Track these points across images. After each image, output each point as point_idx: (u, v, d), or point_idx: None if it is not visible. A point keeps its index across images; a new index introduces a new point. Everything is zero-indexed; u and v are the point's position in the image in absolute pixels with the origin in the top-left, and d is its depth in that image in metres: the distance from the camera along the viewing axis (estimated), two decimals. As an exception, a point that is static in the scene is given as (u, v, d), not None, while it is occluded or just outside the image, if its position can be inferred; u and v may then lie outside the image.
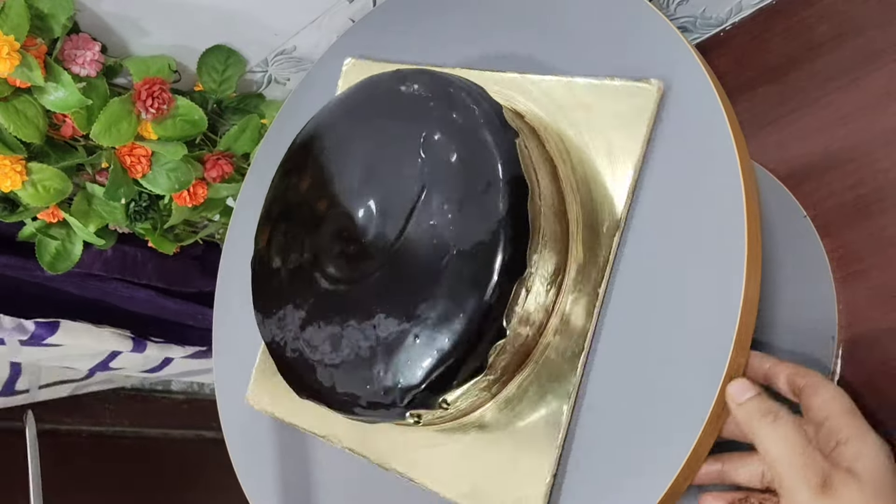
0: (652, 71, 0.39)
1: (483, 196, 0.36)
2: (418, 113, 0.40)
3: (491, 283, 0.35)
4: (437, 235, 0.37)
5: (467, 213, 0.37)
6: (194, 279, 0.87)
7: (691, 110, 0.38)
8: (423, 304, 0.37)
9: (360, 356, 0.38)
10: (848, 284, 0.55)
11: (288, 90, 0.71)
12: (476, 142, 0.37)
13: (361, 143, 0.42)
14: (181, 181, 0.65)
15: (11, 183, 0.60)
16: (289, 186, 0.46)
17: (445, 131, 0.39)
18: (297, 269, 0.43)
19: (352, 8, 0.62)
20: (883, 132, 0.56)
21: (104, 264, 0.76)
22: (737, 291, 0.34)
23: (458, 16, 0.50)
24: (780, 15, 0.64)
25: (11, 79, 0.54)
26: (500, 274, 0.35)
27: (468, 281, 0.36)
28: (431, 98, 0.40)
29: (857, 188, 0.56)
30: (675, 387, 0.35)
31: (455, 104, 0.39)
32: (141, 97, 0.60)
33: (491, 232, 0.36)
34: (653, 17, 0.41)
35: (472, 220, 0.37)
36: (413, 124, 0.40)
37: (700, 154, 0.37)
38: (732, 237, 0.35)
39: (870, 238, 0.55)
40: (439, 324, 0.36)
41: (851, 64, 0.58)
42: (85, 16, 0.59)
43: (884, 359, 0.53)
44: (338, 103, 0.45)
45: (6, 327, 0.70)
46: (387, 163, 0.41)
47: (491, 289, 0.35)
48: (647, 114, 0.39)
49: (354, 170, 0.42)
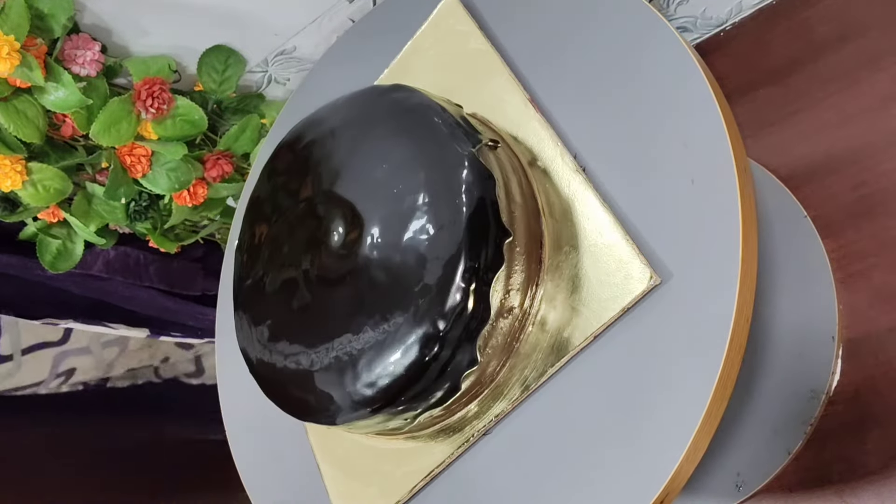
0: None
1: (455, 206, 0.36)
2: (395, 126, 0.40)
3: (455, 288, 0.35)
4: (409, 245, 0.37)
5: (440, 222, 0.36)
6: (196, 281, 0.87)
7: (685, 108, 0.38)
8: (396, 312, 0.36)
9: (335, 363, 0.38)
10: (848, 285, 0.55)
11: (288, 90, 0.71)
12: (448, 154, 0.37)
13: (339, 153, 0.42)
14: (181, 181, 0.65)
15: (12, 183, 0.60)
16: (270, 190, 0.45)
17: (409, 147, 0.39)
18: (271, 275, 0.43)
19: (352, 8, 0.62)
20: (884, 133, 0.56)
21: (106, 266, 0.76)
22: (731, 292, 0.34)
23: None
24: (780, 15, 0.64)
25: (11, 79, 0.54)
26: (467, 280, 0.35)
27: (436, 288, 0.35)
28: (408, 112, 0.40)
29: (858, 189, 0.56)
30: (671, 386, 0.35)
31: (426, 118, 0.39)
32: (141, 97, 0.60)
33: (458, 240, 0.35)
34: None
35: (444, 229, 0.36)
36: (390, 137, 0.40)
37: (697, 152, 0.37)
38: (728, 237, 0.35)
39: (870, 239, 0.55)
40: (413, 327, 0.36)
41: (853, 65, 0.58)
42: (85, 16, 0.59)
43: (884, 359, 0.53)
44: (324, 111, 0.45)
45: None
46: (362, 172, 0.40)
47: (459, 294, 0.35)
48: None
49: (331, 179, 0.42)
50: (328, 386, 0.38)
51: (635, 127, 0.39)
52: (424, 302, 0.35)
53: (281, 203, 0.44)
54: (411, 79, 0.46)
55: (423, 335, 0.35)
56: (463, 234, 0.35)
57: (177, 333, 0.87)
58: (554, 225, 0.40)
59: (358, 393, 0.37)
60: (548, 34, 0.45)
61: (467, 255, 0.35)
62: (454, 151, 0.37)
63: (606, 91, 0.41)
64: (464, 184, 0.36)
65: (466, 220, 0.35)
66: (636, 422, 0.36)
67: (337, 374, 0.38)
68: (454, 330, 0.35)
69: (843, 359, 0.54)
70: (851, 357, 0.54)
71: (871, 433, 0.52)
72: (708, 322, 0.35)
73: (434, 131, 0.38)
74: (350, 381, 0.37)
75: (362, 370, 0.37)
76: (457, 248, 0.35)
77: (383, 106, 0.41)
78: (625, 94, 0.40)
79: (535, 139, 0.42)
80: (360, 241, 0.39)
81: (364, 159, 0.41)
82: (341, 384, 0.38)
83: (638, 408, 0.36)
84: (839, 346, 0.55)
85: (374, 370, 0.36)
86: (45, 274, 0.72)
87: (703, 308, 0.35)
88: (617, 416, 0.36)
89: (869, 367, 0.53)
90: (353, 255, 0.39)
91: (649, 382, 0.36)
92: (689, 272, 0.36)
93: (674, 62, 0.39)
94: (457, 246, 0.35)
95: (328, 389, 0.38)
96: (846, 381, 0.54)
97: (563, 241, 0.39)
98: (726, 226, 0.35)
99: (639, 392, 0.36)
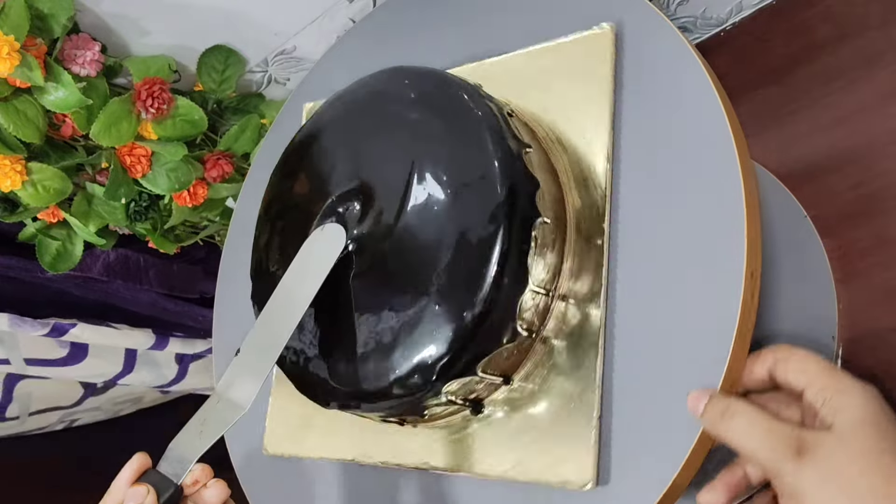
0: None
1: (480, 189, 0.37)
2: (408, 109, 0.40)
3: (498, 241, 0.35)
4: (438, 216, 0.38)
5: (463, 206, 0.37)
6: (197, 284, 0.86)
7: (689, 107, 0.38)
8: (435, 277, 0.37)
9: (381, 344, 0.38)
10: (848, 284, 0.55)
11: (288, 90, 0.71)
12: (475, 140, 0.38)
13: (357, 144, 0.42)
14: (181, 181, 0.65)
15: (11, 183, 0.60)
16: (285, 186, 0.46)
17: (434, 123, 0.39)
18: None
19: (352, 8, 0.62)
20: (884, 133, 0.56)
21: (106, 269, 0.76)
22: (736, 290, 0.34)
23: (459, 15, 0.50)
24: (780, 15, 0.64)
25: (11, 79, 0.54)
26: (508, 229, 0.35)
27: (480, 248, 0.36)
28: (419, 95, 0.40)
29: (857, 188, 0.56)
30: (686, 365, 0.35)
31: (452, 104, 0.39)
32: (141, 97, 0.60)
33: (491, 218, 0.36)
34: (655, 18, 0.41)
35: (467, 213, 0.37)
36: (409, 122, 0.40)
37: (699, 151, 0.37)
38: (732, 235, 0.35)
39: (870, 238, 0.55)
40: (458, 290, 0.36)
41: (853, 64, 0.58)
42: (85, 16, 0.59)
43: (884, 358, 0.53)
44: (335, 102, 0.45)
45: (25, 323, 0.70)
46: (383, 162, 0.41)
47: (500, 245, 0.35)
48: (607, 56, 0.40)
49: (350, 170, 0.42)
50: (357, 370, 0.39)
51: (638, 126, 0.40)
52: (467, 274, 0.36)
53: (300, 197, 0.44)
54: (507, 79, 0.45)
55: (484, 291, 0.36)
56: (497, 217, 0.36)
57: (179, 334, 0.87)
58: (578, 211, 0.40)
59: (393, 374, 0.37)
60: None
61: (503, 238, 0.36)
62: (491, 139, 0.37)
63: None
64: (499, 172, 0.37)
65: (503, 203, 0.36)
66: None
67: (368, 359, 0.38)
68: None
69: (843, 358, 0.54)
70: (851, 356, 0.54)
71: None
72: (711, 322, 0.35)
73: (468, 118, 0.38)
74: (386, 363, 0.38)
75: (397, 351, 0.37)
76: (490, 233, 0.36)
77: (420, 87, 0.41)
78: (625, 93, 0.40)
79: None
80: (385, 232, 0.39)
81: (387, 148, 0.41)
82: (374, 366, 0.38)
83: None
84: (839, 346, 0.55)
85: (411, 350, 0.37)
86: (45, 276, 0.72)
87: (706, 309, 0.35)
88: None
89: (869, 366, 0.53)
90: (378, 246, 0.39)
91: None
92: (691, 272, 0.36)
93: (676, 61, 0.39)
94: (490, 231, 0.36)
95: (357, 374, 0.39)
96: (846, 381, 0.54)
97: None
98: (731, 225, 0.35)
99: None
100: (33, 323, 0.70)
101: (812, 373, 0.34)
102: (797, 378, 0.34)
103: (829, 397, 0.33)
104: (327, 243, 0.40)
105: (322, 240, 0.41)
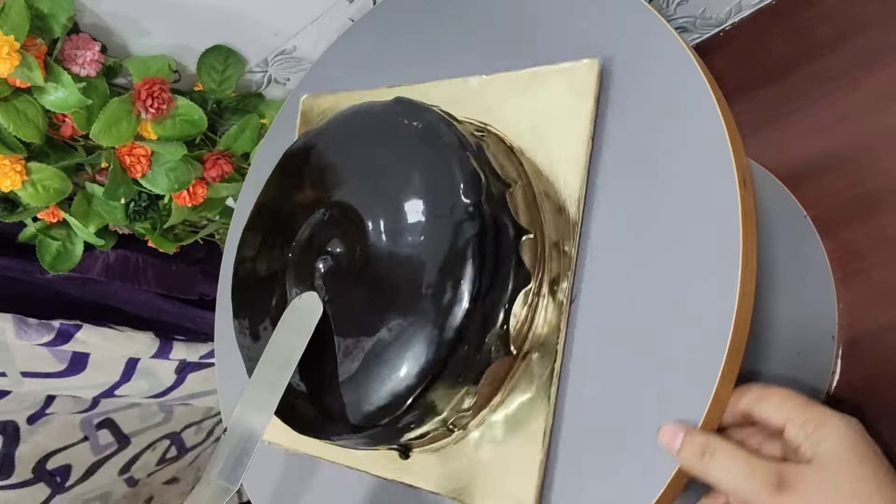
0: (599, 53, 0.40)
1: (460, 214, 0.36)
2: (402, 140, 0.40)
3: (466, 299, 0.35)
4: (412, 254, 0.37)
5: (444, 231, 0.36)
6: (196, 285, 0.86)
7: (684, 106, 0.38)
8: (400, 321, 0.36)
9: (338, 376, 0.38)
10: (848, 284, 0.55)
11: (288, 90, 0.71)
12: (454, 165, 0.37)
13: (346, 164, 0.42)
14: (181, 181, 0.65)
15: (11, 183, 0.60)
16: (276, 196, 0.45)
17: (425, 155, 0.38)
18: (274, 280, 0.43)
19: (352, 8, 0.62)
20: (883, 132, 0.56)
21: (105, 269, 0.76)
22: (732, 293, 0.34)
23: (459, 15, 0.50)
24: (780, 15, 0.64)
25: (11, 79, 0.54)
26: (477, 290, 0.35)
27: (448, 297, 0.35)
28: (414, 127, 0.40)
29: (857, 188, 0.56)
30: (668, 391, 0.35)
31: (432, 133, 0.39)
32: (141, 97, 0.60)
33: (464, 249, 0.35)
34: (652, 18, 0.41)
35: (448, 238, 0.36)
36: (395, 150, 0.40)
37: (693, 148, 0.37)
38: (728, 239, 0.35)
39: (870, 238, 0.55)
40: (417, 341, 0.35)
41: (852, 64, 0.58)
42: (85, 16, 0.59)
43: (884, 358, 0.53)
44: (329, 125, 0.45)
45: (30, 327, 0.70)
46: (370, 181, 0.40)
47: (468, 303, 0.34)
48: (590, 92, 0.39)
49: (337, 188, 0.42)
50: (339, 397, 0.38)
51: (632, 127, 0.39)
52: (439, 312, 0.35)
53: (287, 211, 0.44)
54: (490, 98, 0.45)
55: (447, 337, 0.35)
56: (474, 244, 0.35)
57: (180, 337, 0.86)
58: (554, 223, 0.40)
59: (370, 404, 0.36)
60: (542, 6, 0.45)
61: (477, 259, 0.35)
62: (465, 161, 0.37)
63: (604, 90, 0.41)
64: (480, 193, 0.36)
65: (478, 229, 0.35)
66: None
67: (351, 384, 0.38)
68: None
69: (843, 358, 0.54)
70: (851, 356, 0.54)
71: (871, 433, 0.52)
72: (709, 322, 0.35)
73: (445, 146, 0.38)
74: (364, 391, 0.37)
75: (373, 378, 0.37)
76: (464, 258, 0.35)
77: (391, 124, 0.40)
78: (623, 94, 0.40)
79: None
80: (368, 253, 0.39)
81: (375, 171, 0.40)
82: (352, 395, 0.37)
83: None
84: (839, 346, 0.55)
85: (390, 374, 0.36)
86: (45, 276, 0.72)
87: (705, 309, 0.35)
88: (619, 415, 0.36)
89: (869, 366, 0.53)
90: (360, 267, 0.39)
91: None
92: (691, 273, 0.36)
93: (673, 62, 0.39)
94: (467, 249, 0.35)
95: (338, 401, 0.38)
96: (846, 381, 0.54)
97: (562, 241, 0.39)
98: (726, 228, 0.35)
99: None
100: (38, 327, 0.70)
101: (792, 408, 0.34)
102: (777, 414, 0.34)
103: (809, 431, 0.33)
104: (305, 313, 0.40)
105: (299, 309, 0.40)
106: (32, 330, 0.69)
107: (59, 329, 0.71)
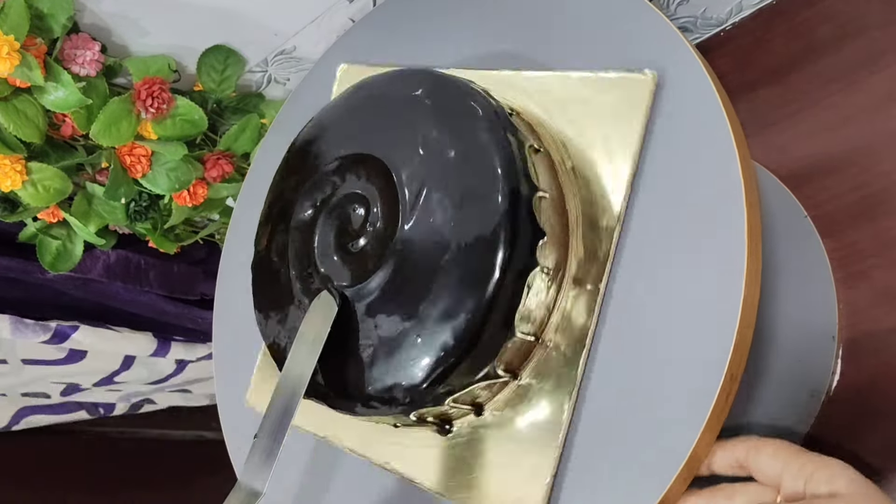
0: (650, 66, 0.39)
1: (484, 192, 0.36)
2: (417, 113, 0.40)
3: (493, 279, 0.35)
4: (438, 233, 0.37)
5: (468, 210, 0.37)
6: (197, 285, 0.86)
7: (691, 107, 0.38)
8: (424, 303, 0.37)
9: (361, 356, 0.38)
10: (849, 285, 0.55)
11: (288, 90, 0.71)
12: (475, 139, 0.37)
13: (360, 144, 0.42)
14: (181, 181, 0.65)
15: (11, 183, 0.60)
16: (289, 187, 0.46)
17: (444, 130, 0.39)
18: (297, 269, 0.43)
19: (352, 8, 0.62)
20: (885, 133, 0.56)
21: (106, 270, 0.76)
22: (737, 290, 0.34)
23: (459, 15, 0.50)
24: (781, 15, 0.64)
25: (11, 79, 0.54)
26: (504, 270, 0.35)
27: (471, 278, 0.36)
28: (430, 98, 0.40)
29: (858, 189, 0.56)
30: (676, 385, 0.35)
31: (453, 103, 0.39)
32: (141, 97, 0.60)
33: (492, 229, 0.36)
34: (653, 16, 0.41)
35: (474, 216, 0.37)
36: (412, 124, 0.40)
37: (700, 150, 0.37)
38: (733, 235, 0.35)
39: (871, 239, 0.55)
40: (442, 322, 0.36)
41: (853, 65, 0.58)
42: (85, 16, 0.59)
43: (884, 359, 0.53)
44: (337, 104, 0.45)
45: (27, 327, 0.70)
46: (386, 162, 0.41)
47: (494, 285, 0.35)
48: (642, 104, 0.38)
49: (353, 170, 0.42)
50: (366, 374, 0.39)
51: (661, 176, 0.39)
52: (463, 293, 0.36)
53: (304, 198, 0.44)
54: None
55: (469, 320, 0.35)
56: (501, 224, 0.36)
57: (180, 338, 0.87)
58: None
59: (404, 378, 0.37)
60: (542, 25, 0.45)
61: (506, 246, 0.35)
62: (491, 138, 0.37)
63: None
64: (500, 172, 0.36)
65: (506, 210, 0.36)
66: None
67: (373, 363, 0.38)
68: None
69: (843, 359, 0.54)
70: (851, 357, 0.54)
71: (871, 433, 0.52)
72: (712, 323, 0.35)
73: (467, 116, 0.38)
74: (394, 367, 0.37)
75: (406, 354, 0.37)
76: (493, 238, 0.35)
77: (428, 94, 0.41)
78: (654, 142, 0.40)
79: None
80: (390, 234, 0.39)
81: (390, 148, 0.41)
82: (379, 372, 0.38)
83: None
84: (839, 346, 0.55)
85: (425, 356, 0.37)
86: (45, 277, 0.72)
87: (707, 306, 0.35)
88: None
89: (869, 367, 0.53)
90: (383, 249, 0.39)
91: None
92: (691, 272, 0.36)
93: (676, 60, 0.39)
94: (493, 234, 0.36)
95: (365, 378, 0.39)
96: (846, 382, 0.54)
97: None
98: (731, 228, 0.35)
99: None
100: (35, 328, 0.70)
101: (786, 456, 0.34)
102: (772, 464, 0.35)
103: (811, 473, 0.33)
104: (321, 314, 0.40)
105: (317, 310, 0.40)
106: (29, 330, 0.69)
107: (55, 330, 0.72)
